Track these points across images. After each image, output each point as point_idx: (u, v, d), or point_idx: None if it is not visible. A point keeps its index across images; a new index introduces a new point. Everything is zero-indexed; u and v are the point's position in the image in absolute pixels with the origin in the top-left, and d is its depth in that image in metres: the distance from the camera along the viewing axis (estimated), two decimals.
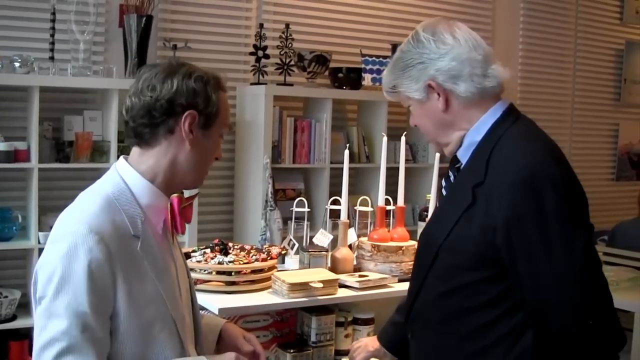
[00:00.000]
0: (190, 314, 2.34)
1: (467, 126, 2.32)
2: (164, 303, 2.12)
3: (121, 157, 2.22)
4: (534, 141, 2.25)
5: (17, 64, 4.65)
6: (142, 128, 2.15)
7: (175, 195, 2.19)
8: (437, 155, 3.79)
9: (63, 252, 1.98)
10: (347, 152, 3.56)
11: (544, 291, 2.09)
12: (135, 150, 2.20)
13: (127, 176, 2.16)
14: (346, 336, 3.36)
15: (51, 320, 1.96)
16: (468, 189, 2.22)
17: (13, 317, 4.67)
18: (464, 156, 2.35)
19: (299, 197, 4.52)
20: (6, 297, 4.67)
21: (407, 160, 3.72)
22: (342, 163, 3.56)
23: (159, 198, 2.17)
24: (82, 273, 1.96)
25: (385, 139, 3.66)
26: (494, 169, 2.19)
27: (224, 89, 2.24)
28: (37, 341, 1.98)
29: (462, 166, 2.37)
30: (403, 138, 3.70)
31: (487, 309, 2.20)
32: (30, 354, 4.50)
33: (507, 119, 2.31)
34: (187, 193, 2.30)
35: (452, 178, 2.42)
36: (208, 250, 3.28)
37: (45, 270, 2.00)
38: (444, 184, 2.45)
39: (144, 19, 4.91)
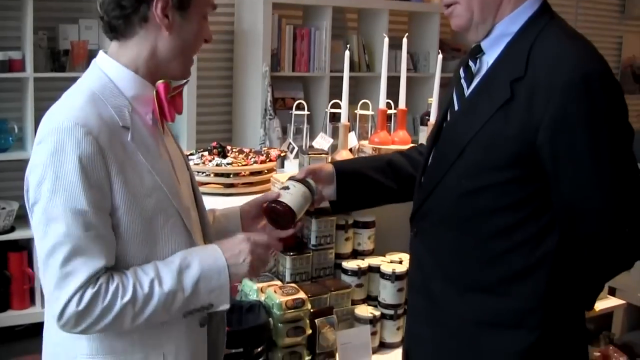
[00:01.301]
0: (195, 208, 2.24)
1: (505, 13, 2.16)
2: (164, 194, 2.02)
3: (100, 52, 2.09)
4: (578, 40, 2.12)
5: None
6: (115, 21, 2.02)
7: (161, 81, 2.07)
8: (439, 62, 3.72)
9: (51, 151, 1.87)
10: (347, 52, 3.49)
11: (585, 195, 2.03)
12: (113, 44, 2.08)
13: (108, 69, 2.04)
14: (346, 239, 3.32)
15: (50, 225, 1.87)
16: (505, 83, 2.08)
17: (11, 229, 4.68)
18: (491, 47, 2.20)
19: (299, 106, 4.48)
20: (4, 208, 4.68)
21: (407, 70, 3.64)
22: (342, 72, 3.49)
23: (145, 88, 2.06)
24: (73, 169, 1.85)
25: (386, 39, 3.59)
26: (537, 65, 2.05)
27: None
28: (41, 249, 1.89)
29: (483, 56, 2.22)
30: (405, 40, 3.62)
31: (513, 211, 2.11)
32: (30, 265, 4.55)
33: (543, 14, 2.17)
34: (175, 82, 2.20)
35: (473, 68, 2.24)
36: (206, 153, 3.23)
37: (35, 174, 1.89)
38: (462, 74, 2.27)
39: None
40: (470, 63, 2.25)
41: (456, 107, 2.26)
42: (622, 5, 8.17)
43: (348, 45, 3.72)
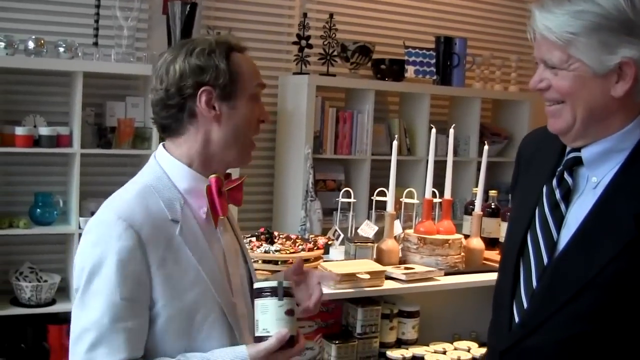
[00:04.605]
0: (249, 303, 2.21)
1: (614, 127, 1.97)
2: (207, 288, 2.04)
3: (160, 146, 2.17)
4: None
5: (61, 49, 4.65)
6: (165, 120, 2.11)
7: (214, 175, 2.09)
8: (486, 148, 3.75)
9: (93, 242, 1.97)
10: (395, 142, 3.52)
11: None
12: (168, 139, 2.16)
13: (164, 163, 2.12)
14: (391, 329, 3.36)
15: (84, 311, 1.94)
16: (627, 216, 1.89)
17: (52, 302, 4.67)
18: (595, 162, 2.00)
19: (339, 188, 4.47)
20: (46, 281, 4.68)
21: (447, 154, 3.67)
22: (383, 155, 3.53)
23: (198, 181, 2.10)
24: (112, 261, 1.93)
25: (433, 130, 3.63)
26: None
27: (238, 50, 2.12)
28: (72, 333, 1.96)
29: (581, 169, 2.04)
30: (452, 130, 3.67)
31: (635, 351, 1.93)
32: (69, 338, 4.54)
33: None
34: (233, 174, 2.22)
35: (569, 182, 2.04)
36: (254, 239, 3.27)
37: (78, 262, 1.99)
38: (556, 188, 2.06)
39: (188, 6, 4.88)
40: (567, 176, 2.05)
41: (552, 228, 2.03)
42: None
43: (397, 136, 3.74)
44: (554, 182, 2.07)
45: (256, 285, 2.03)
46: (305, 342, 2.08)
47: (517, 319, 2.06)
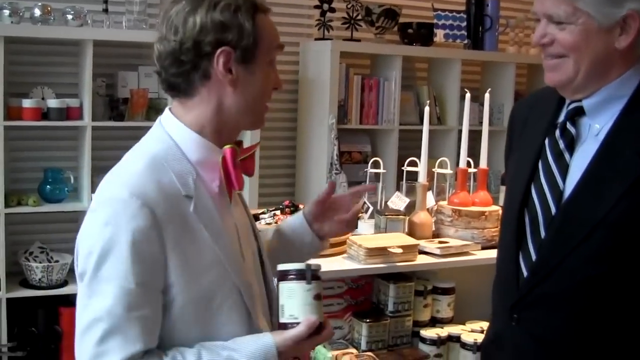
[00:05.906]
0: (261, 281, 2.09)
1: (613, 76, 2.04)
2: (224, 269, 1.88)
3: (166, 109, 1.97)
4: None
5: (69, 17, 4.53)
6: (174, 78, 1.89)
7: (229, 146, 1.91)
8: None
9: (103, 221, 1.78)
10: (427, 108, 3.40)
11: None
12: (176, 102, 1.95)
13: (173, 131, 1.93)
14: (425, 306, 3.24)
15: (93, 299, 1.78)
16: (632, 156, 1.96)
17: (64, 283, 4.60)
18: (596, 110, 2.07)
19: (366, 160, 4.30)
20: (57, 261, 4.60)
21: (480, 123, 3.50)
22: (412, 125, 3.32)
23: (211, 152, 1.91)
24: (125, 244, 1.75)
25: (468, 95, 3.49)
26: None
27: (263, 10, 1.93)
28: (79, 322, 1.79)
29: (582, 119, 2.09)
30: (487, 95, 3.47)
31: None
32: None
33: None
34: (246, 143, 2.04)
35: (572, 132, 2.10)
36: (278, 212, 3.19)
37: (86, 243, 1.81)
38: (559, 135, 2.12)
39: None
40: (569, 127, 2.12)
41: (558, 177, 2.09)
42: None
43: (427, 103, 3.54)
44: (557, 133, 2.12)
45: (281, 267, 1.91)
46: (331, 330, 1.95)
47: (525, 273, 2.11)
